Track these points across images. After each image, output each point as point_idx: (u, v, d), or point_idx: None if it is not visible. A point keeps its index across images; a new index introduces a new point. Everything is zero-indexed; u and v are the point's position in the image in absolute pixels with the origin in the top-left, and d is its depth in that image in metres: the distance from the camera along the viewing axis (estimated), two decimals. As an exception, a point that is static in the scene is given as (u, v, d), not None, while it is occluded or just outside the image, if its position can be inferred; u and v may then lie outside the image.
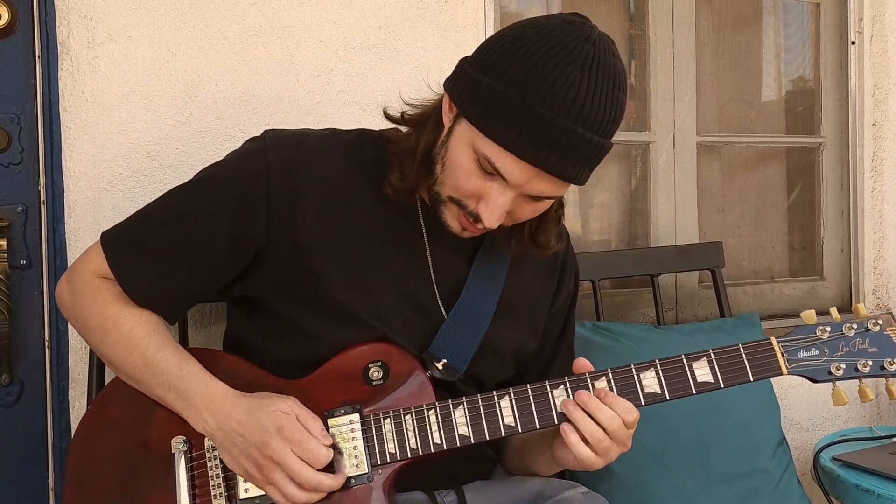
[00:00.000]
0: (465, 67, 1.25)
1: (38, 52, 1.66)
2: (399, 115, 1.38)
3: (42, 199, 1.67)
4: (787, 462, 2.02)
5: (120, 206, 1.71)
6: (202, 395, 1.27)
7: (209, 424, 1.27)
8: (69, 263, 1.67)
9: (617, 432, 1.24)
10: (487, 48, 1.23)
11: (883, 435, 2.17)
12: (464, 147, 1.23)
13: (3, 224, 1.63)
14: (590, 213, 2.45)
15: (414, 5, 1.96)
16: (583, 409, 1.24)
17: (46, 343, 1.68)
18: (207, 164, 1.40)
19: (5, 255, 1.63)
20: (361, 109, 1.88)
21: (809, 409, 2.48)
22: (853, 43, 2.60)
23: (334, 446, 1.25)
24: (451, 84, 1.27)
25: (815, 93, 2.67)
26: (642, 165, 2.44)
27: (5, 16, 1.63)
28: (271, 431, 1.20)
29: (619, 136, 2.39)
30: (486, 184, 1.23)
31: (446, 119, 1.28)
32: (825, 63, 2.64)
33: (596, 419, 1.24)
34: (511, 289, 1.43)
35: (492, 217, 1.24)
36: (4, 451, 1.67)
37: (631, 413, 1.25)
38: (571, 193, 2.39)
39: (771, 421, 2.05)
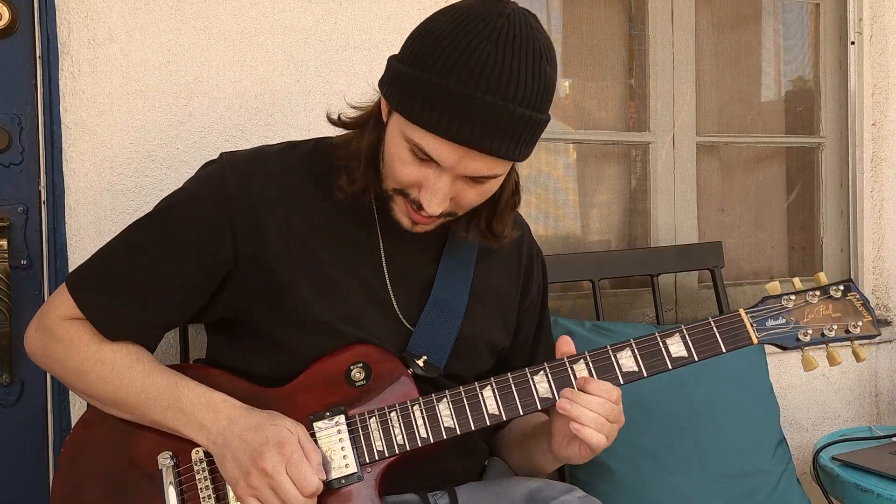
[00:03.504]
0: (391, 62, 1.27)
1: (38, 53, 1.66)
2: (337, 118, 1.38)
3: (42, 199, 1.67)
4: (787, 462, 2.02)
5: (120, 206, 1.72)
6: (202, 405, 1.27)
7: (209, 431, 1.26)
8: (69, 263, 1.68)
9: (611, 413, 1.27)
10: (409, 39, 1.25)
11: (883, 435, 2.17)
12: (397, 138, 1.24)
13: (4, 224, 1.63)
14: (590, 213, 2.45)
15: (414, 5, 1.96)
16: (579, 404, 1.27)
17: (47, 343, 1.68)
18: (207, 160, 1.41)
19: (6, 255, 1.63)
20: (362, 110, 1.88)
21: (809, 409, 2.48)
22: (853, 43, 2.60)
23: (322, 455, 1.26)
24: (382, 81, 1.28)
25: (814, 93, 2.67)
26: (642, 165, 2.44)
27: (6, 16, 1.63)
28: (271, 444, 1.20)
29: (619, 136, 2.42)
30: (422, 171, 1.23)
31: (384, 116, 1.29)
32: (825, 63, 2.65)
33: (592, 409, 1.27)
34: (479, 283, 1.44)
35: (432, 203, 1.23)
36: (4, 451, 1.67)
37: (613, 392, 1.28)
38: (570, 194, 2.40)
39: (771, 421, 2.05)
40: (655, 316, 2.15)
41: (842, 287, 1.39)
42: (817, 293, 1.38)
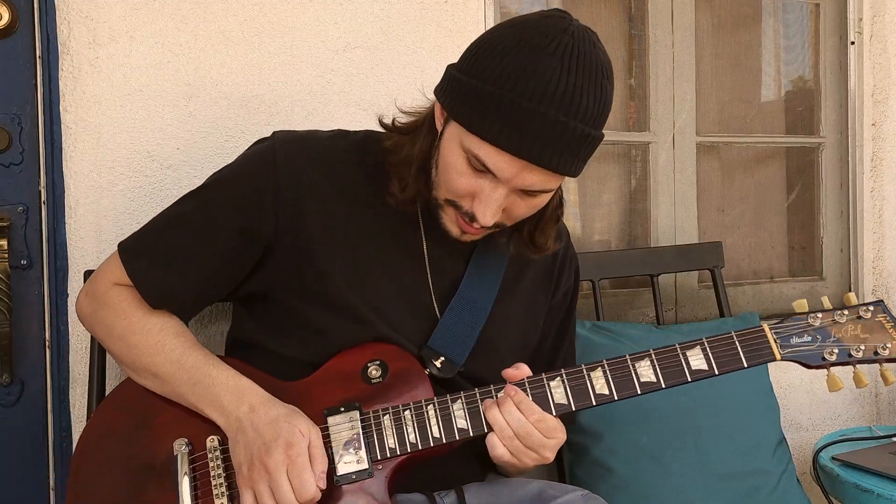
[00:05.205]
0: (450, 71, 1.27)
1: (38, 53, 1.66)
2: (391, 122, 1.39)
3: (42, 199, 1.67)
4: (787, 462, 2.02)
5: (120, 206, 1.72)
6: (229, 387, 1.29)
7: (229, 414, 1.27)
8: (69, 263, 1.68)
9: (521, 430, 1.26)
10: (468, 50, 1.26)
11: (883, 435, 2.17)
12: (454, 147, 1.24)
13: (4, 224, 1.63)
14: (589, 213, 2.45)
15: (415, 6, 1.96)
16: (498, 409, 1.27)
17: (47, 343, 1.69)
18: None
19: (6, 255, 1.63)
20: (362, 110, 1.88)
21: (809, 409, 2.48)
22: (853, 43, 2.60)
23: (331, 447, 1.26)
24: (439, 90, 1.29)
25: (814, 93, 2.67)
26: (642, 165, 2.44)
27: (6, 16, 1.63)
28: (280, 442, 1.21)
29: (619, 136, 2.42)
30: (477, 182, 1.24)
31: (438, 124, 1.30)
32: (825, 63, 2.65)
33: (506, 419, 1.27)
34: (509, 284, 1.45)
35: (486, 214, 1.24)
36: (4, 451, 1.67)
37: (541, 418, 1.27)
38: (571, 194, 2.40)
39: (771, 421, 2.05)
40: (655, 316, 2.15)
41: (871, 307, 1.36)
42: (846, 312, 1.35)
